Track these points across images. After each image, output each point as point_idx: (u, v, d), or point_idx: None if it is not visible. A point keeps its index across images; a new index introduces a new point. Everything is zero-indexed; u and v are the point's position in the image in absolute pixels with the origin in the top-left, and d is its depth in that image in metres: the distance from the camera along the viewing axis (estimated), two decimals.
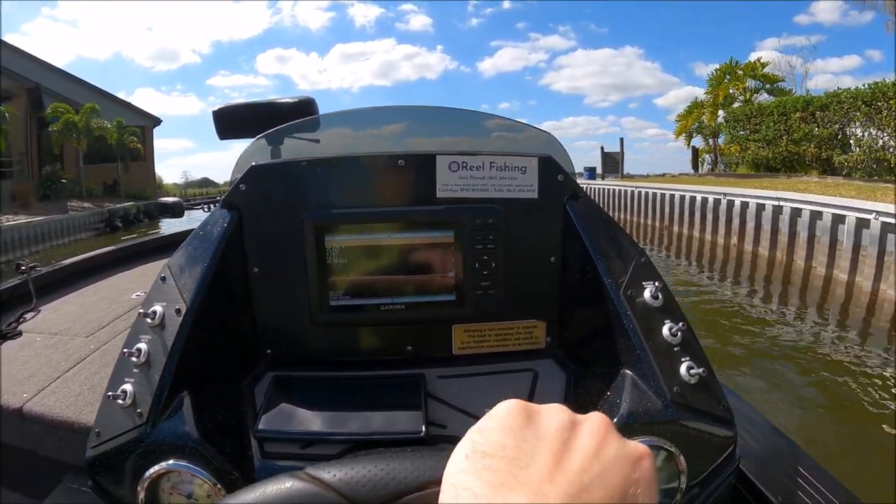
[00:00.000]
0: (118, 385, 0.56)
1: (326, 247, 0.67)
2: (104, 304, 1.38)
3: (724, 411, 0.58)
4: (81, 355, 1.06)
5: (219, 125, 1.31)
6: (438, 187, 0.69)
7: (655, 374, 0.57)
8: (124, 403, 0.55)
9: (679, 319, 0.60)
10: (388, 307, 0.69)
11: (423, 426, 0.59)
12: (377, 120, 0.91)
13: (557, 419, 0.24)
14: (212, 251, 0.65)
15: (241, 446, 0.59)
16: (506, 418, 0.24)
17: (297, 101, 1.28)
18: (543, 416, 0.25)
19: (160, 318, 0.60)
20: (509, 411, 0.25)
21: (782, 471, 0.73)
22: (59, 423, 0.85)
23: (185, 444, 0.53)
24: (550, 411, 0.25)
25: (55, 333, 1.18)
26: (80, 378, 0.96)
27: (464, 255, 0.68)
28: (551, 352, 0.73)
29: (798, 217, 6.56)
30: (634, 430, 0.55)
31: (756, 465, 0.72)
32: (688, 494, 0.57)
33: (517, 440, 0.23)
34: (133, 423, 0.54)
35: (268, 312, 0.71)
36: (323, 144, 0.90)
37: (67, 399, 0.89)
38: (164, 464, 0.52)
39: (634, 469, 0.23)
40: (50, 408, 0.87)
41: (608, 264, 0.65)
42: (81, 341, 1.13)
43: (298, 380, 0.69)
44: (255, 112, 1.30)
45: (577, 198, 0.72)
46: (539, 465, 0.22)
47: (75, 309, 1.35)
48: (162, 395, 0.56)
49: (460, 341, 0.73)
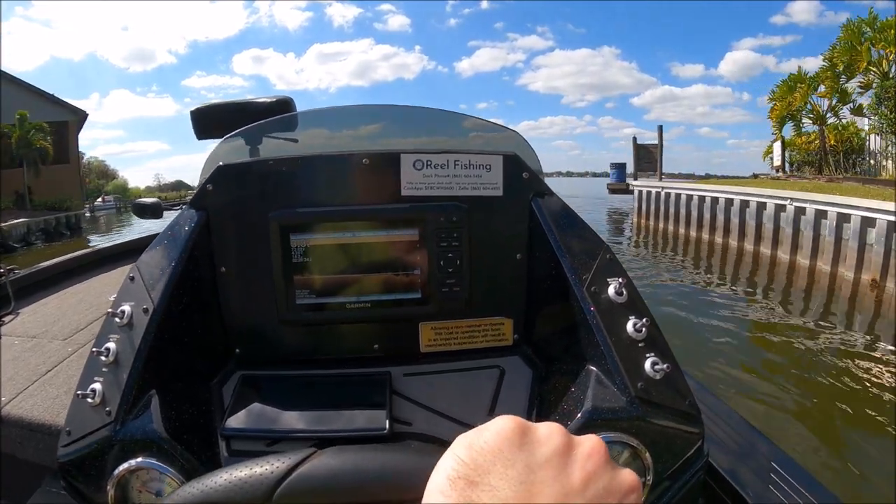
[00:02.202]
0: (88, 384, 0.57)
1: (292, 245, 0.67)
2: (82, 306, 1.38)
3: (690, 407, 0.58)
4: (59, 358, 1.06)
5: (196, 125, 1.31)
6: (403, 185, 0.70)
7: (619, 369, 0.57)
8: (93, 402, 0.55)
9: (643, 315, 0.61)
10: (355, 305, 0.69)
11: (387, 424, 0.60)
12: (347, 118, 0.92)
13: (552, 445, 0.24)
14: (179, 251, 0.66)
15: (208, 444, 0.60)
16: (498, 439, 0.23)
17: (275, 100, 1.28)
18: (539, 439, 0.24)
19: (128, 317, 0.61)
20: (503, 431, 0.24)
21: (753, 465, 0.73)
22: (38, 426, 0.84)
23: (153, 441, 0.54)
24: (546, 434, 0.24)
25: (33, 336, 1.18)
26: (58, 381, 0.96)
27: (429, 253, 0.68)
28: (518, 349, 0.74)
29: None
30: (598, 426, 0.55)
31: (727, 459, 0.73)
32: (656, 490, 0.58)
33: (505, 467, 0.22)
34: (102, 422, 0.55)
35: (236, 311, 0.72)
36: (294, 143, 0.91)
37: (45, 402, 0.89)
38: (132, 461, 0.53)
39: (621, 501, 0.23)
40: (28, 411, 0.87)
41: (573, 261, 0.65)
42: (59, 344, 1.13)
43: (266, 378, 0.69)
44: (232, 111, 1.30)
45: (543, 195, 0.72)
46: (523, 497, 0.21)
47: (53, 312, 1.35)
48: (130, 394, 0.56)
49: (427, 339, 0.73)
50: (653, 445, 0.56)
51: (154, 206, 1.29)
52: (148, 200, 1.31)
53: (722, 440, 0.78)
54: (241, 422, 0.61)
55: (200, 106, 1.34)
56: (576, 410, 0.57)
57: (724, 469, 0.70)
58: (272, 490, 0.32)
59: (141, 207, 1.28)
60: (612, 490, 0.23)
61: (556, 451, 0.23)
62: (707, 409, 0.84)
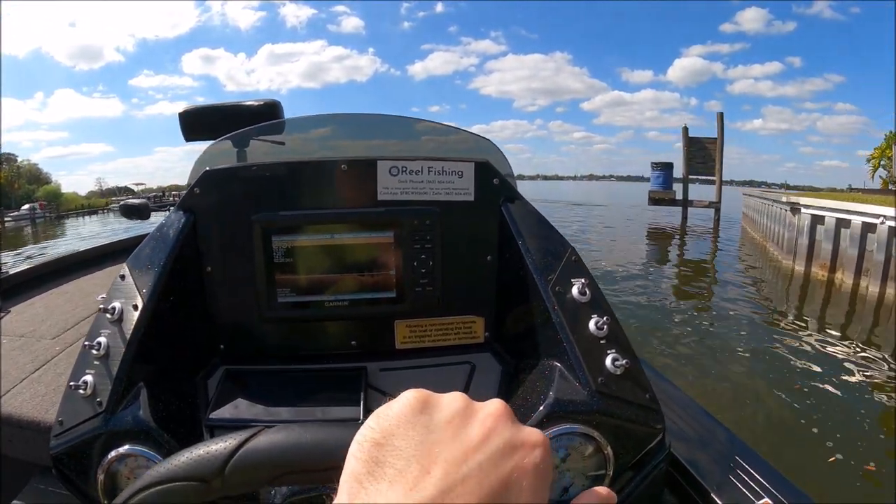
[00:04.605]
0: (80, 376, 0.59)
1: (274, 247, 0.71)
2: (70, 305, 1.39)
3: (650, 401, 0.61)
4: (47, 356, 1.08)
5: (185, 127, 1.33)
6: (379, 190, 0.74)
7: (581, 365, 0.60)
8: (85, 393, 0.58)
9: (605, 314, 0.64)
10: (333, 304, 0.73)
11: (361, 415, 0.64)
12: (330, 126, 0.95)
13: (452, 408, 0.25)
14: (167, 251, 0.69)
15: (193, 434, 0.63)
16: (402, 407, 0.25)
17: (263, 103, 1.31)
18: (440, 405, 0.25)
19: (119, 313, 0.64)
20: (407, 400, 0.25)
21: (715, 456, 0.76)
22: (26, 423, 0.86)
23: (142, 430, 0.56)
24: (448, 400, 0.26)
25: (21, 335, 1.19)
26: (46, 379, 0.98)
27: (403, 255, 0.72)
28: (489, 345, 0.78)
29: None
30: (559, 418, 0.57)
31: (690, 450, 0.76)
32: (619, 481, 0.60)
33: (407, 429, 0.24)
34: (94, 412, 0.57)
35: (221, 309, 0.75)
36: (279, 147, 0.94)
37: (34, 400, 0.91)
38: (121, 448, 0.56)
39: (524, 457, 0.24)
40: (17, 409, 0.89)
41: (539, 263, 0.69)
42: (47, 343, 1.15)
43: (248, 373, 0.73)
44: (220, 114, 1.33)
45: (513, 200, 0.76)
46: (421, 457, 0.22)
47: (41, 311, 1.36)
48: (120, 386, 0.59)
49: (402, 336, 0.77)
50: (614, 438, 0.58)
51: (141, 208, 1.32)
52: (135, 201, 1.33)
53: (685, 432, 0.81)
54: (224, 413, 0.65)
55: (189, 108, 1.36)
56: (539, 403, 0.60)
57: (686, 460, 0.73)
58: (224, 464, 0.35)
59: (128, 209, 1.31)
60: (514, 444, 0.24)
61: (457, 412, 0.25)
62: (671, 401, 0.87)
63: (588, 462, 0.58)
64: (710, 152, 11.57)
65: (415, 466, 0.22)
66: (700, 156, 11.85)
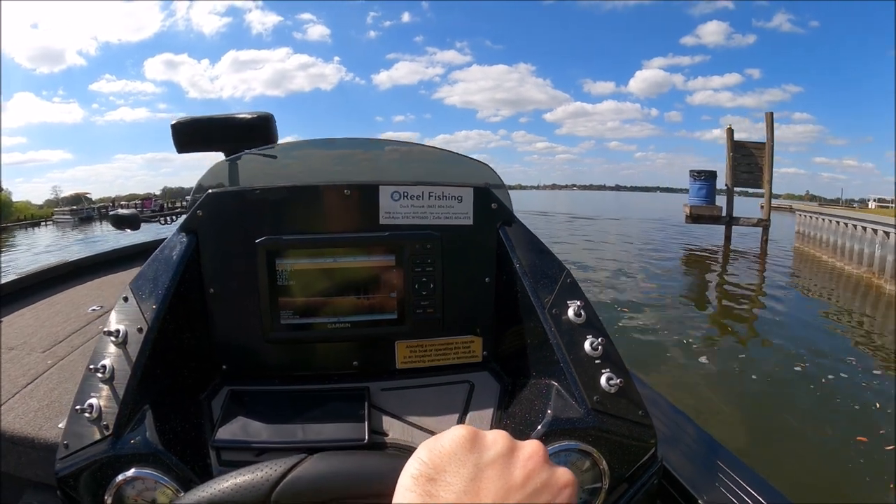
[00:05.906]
0: (85, 399, 0.60)
1: (277, 269, 0.72)
2: (60, 317, 1.37)
3: (642, 417, 0.64)
4: (39, 370, 1.06)
5: (177, 138, 1.32)
6: (381, 215, 0.76)
7: (577, 384, 0.63)
8: (91, 416, 0.59)
9: (600, 335, 0.67)
10: (335, 325, 0.74)
11: (366, 434, 0.66)
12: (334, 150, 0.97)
13: (497, 448, 0.28)
14: (171, 273, 0.70)
15: (199, 455, 0.64)
16: (452, 444, 0.28)
17: (256, 116, 1.31)
18: (487, 443, 0.29)
19: (123, 336, 0.64)
20: (457, 437, 0.28)
21: (706, 468, 0.79)
22: (19, 439, 0.85)
23: (149, 452, 0.57)
24: (493, 439, 0.29)
25: (11, 348, 1.17)
26: (39, 394, 0.96)
27: (405, 277, 0.74)
28: (487, 365, 0.81)
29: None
30: (557, 435, 0.61)
31: (682, 463, 0.78)
32: (614, 494, 0.63)
33: (458, 466, 0.27)
34: (100, 435, 0.58)
35: (224, 330, 0.76)
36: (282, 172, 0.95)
37: (27, 415, 0.89)
38: (129, 472, 0.57)
39: (556, 495, 0.27)
40: (9, 424, 0.87)
41: (535, 285, 0.72)
42: (38, 356, 1.13)
43: (252, 393, 0.74)
44: (213, 126, 1.32)
45: (511, 224, 0.79)
46: (472, 493, 0.26)
47: (31, 323, 1.34)
48: (126, 409, 0.60)
49: (403, 356, 0.79)
50: (609, 453, 0.61)
51: (132, 218, 1.31)
52: (125, 212, 1.32)
53: (677, 446, 0.84)
54: (230, 434, 0.66)
55: (181, 119, 1.35)
56: (537, 421, 0.63)
57: (678, 472, 0.76)
58: (270, 491, 0.37)
59: (118, 219, 1.29)
60: (550, 485, 0.28)
61: (501, 452, 0.28)
62: (662, 414, 0.91)
63: (585, 476, 0.61)
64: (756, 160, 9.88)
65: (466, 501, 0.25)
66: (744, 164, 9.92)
